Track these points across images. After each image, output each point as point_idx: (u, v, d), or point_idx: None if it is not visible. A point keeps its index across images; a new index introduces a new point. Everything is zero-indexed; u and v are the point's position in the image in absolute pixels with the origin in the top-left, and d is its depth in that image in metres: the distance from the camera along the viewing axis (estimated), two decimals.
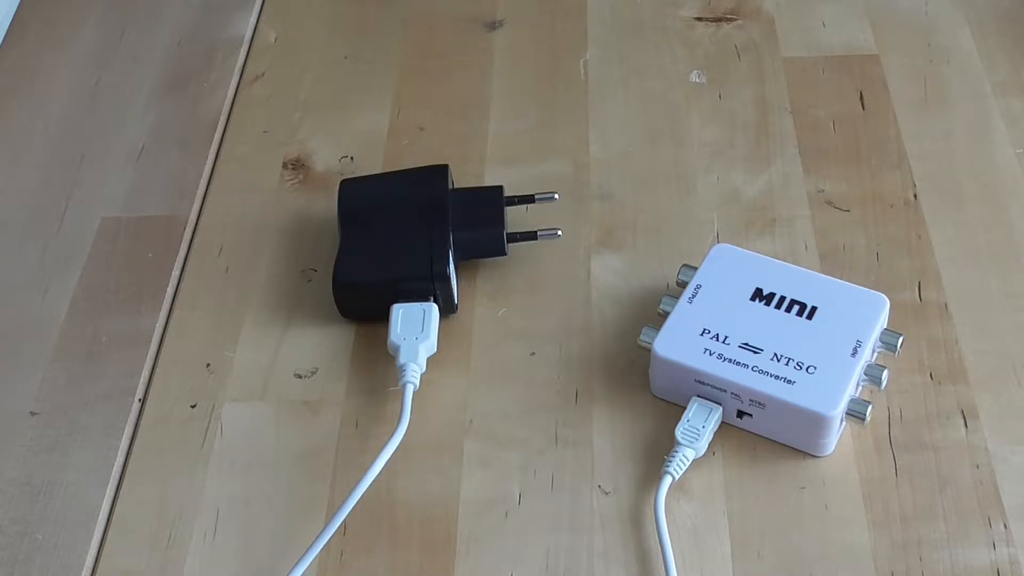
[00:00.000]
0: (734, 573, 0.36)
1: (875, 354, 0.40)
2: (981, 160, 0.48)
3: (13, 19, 0.58)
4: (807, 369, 0.38)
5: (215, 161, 0.50)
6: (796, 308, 0.40)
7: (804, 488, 0.38)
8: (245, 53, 0.55)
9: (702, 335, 0.39)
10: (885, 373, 0.39)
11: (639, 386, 0.41)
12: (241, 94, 0.53)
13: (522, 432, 0.40)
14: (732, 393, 0.39)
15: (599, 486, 0.39)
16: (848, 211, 0.46)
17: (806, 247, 0.45)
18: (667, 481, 0.38)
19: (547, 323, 0.44)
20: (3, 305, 0.45)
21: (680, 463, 0.38)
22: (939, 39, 0.53)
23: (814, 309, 0.40)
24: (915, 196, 0.47)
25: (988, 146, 0.49)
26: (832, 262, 0.44)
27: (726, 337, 0.39)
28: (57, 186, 0.49)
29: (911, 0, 0.55)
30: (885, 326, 0.40)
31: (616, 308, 0.44)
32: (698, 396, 0.39)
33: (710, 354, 0.39)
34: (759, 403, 0.38)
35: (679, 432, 0.38)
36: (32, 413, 0.42)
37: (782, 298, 0.40)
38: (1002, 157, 0.48)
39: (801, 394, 0.38)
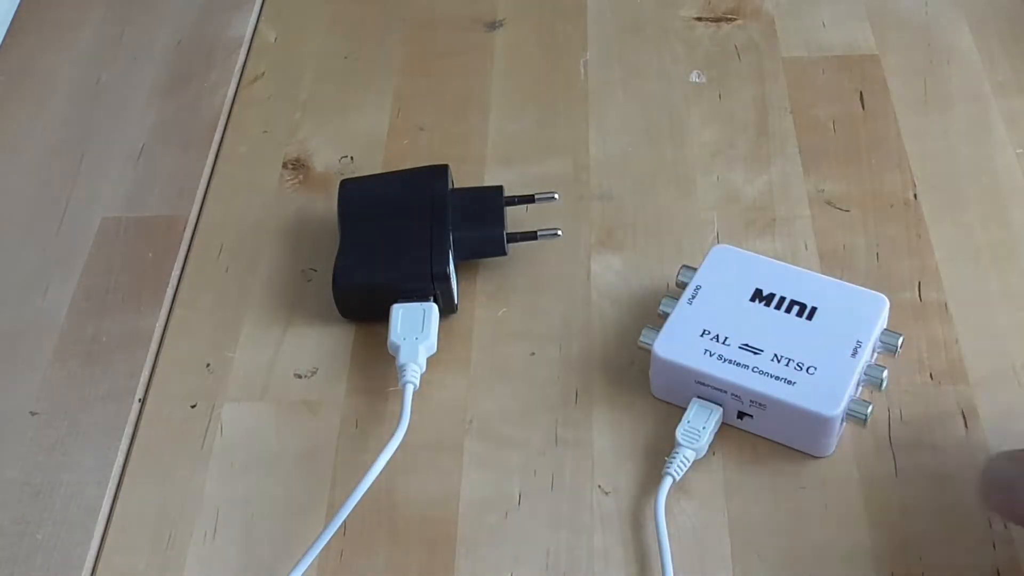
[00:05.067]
0: (734, 573, 0.36)
1: (875, 354, 0.40)
2: (981, 160, 0.48)
3: (13, 19, 0.58)
4: (807, 370, 0.38)
5: (215, 161, 0.50)
6: (796, 309, 0.40)
7: (804, 488, 0.38)
8: (245, 53, 0.55)
9: (702, 336, 0.39)
10: (885, 373, 0.39)
11: (639, 386, 0.41)
12: (241, 94, 0.53)
13: (522, 432, 0.40)
14: (732, 394, 0.38)
15: (599, 486, 0.39)
16: (848, 211, 0.46)
17: (806, 247, 0.45)
18: (668, 482, 0.38)
19: (547, 323, 0.44)
20: (3, 305, 0.45)
21: (681, 464, 0.38)
22: (939, 39, 0.53)
23: (814, 310, 0.40)
24: (915, 196, 0.47)
25: (988, 146, 0.49)
26: (832, 262, 0.44)
27: (726, 338, 0.39)
28: (57, 186, 0.49)
29: (911, 0, 0.55)
30: (885, 326, 0.40)
31: (616, 308, 0.44)
32: (698, 397, 0.39)
33: (710, 355, 0.39)
34: (760, 404, 0.38)
35: (679, 433, 0.38)
36: (32, 413, 0.42)
37: (782, 299, 0.40)
38: (1002, 157, 0.48)
39: (802, 395, 0.38)
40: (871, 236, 0.45)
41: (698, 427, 0.39)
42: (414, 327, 0.42)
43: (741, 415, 0.39)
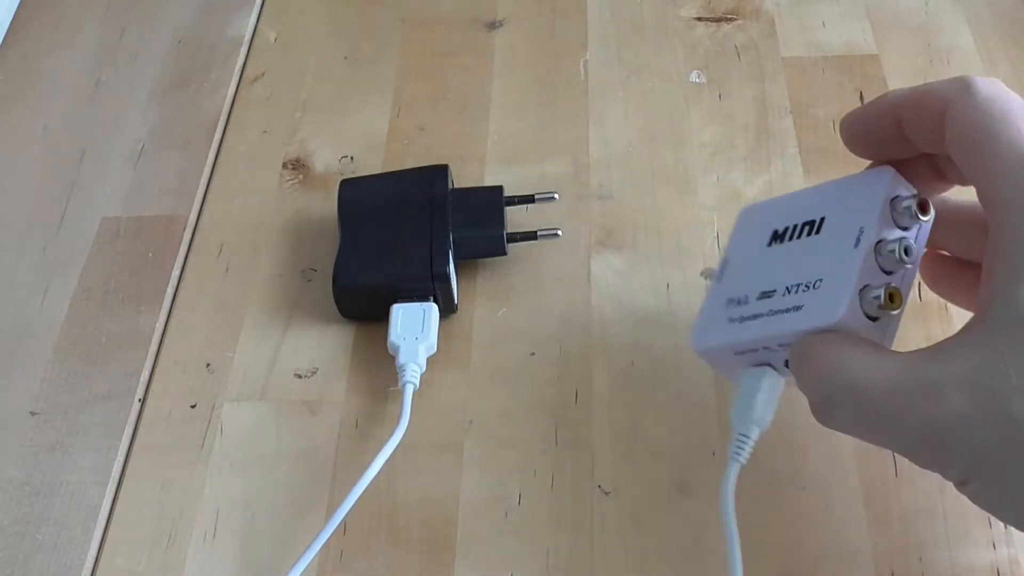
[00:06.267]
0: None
1: (893, 229, 0.34)
2: None
3: (13, 19, 0.58)
4: (814, 286, 0.33)
5: (215, 161, 0.50)
6: (806, 229, 0.35)
7: (804, 488, 0.38)
8: (245, 53, 0.55)
9: (727, 306, 0.36)
10: (905, 237, 0.33)
11: (639, 386, 0.41)
12: (241, 94, 0.53)
13: (522, 432, 0.40)
14: (763, 347, 0.35)
15: (599, 486, 0.39)
16: None
17: None
18: (734, 468, 0.35)
19: (547, 323, 0.44)
20: (3, 305, 0.45)
21: (741, 445, 0.35)
22: (939, 39, 0.53)
23: (822, 220, 0.35)
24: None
25: None
26: None
27: (746, 296, 0.36)
28: (57, 186, 0.49)
29: (911, 0, 0.55)
30: (893, 195, 0.34)
31: (616, 308, 0.44)
32: (748, 367, 0.36)
33: (735, 321, 0.35)
34: (786, 344, 0.34)
35: (733, 412, 0.35)
36: (32, 413, 0.42)
37: (794, 227, 0.36)
38: None
39: (808, 315, 0.33)
40: None
41: (752, 396, 0.35)
42: (414, 327, 0.42)
43: (788, 363, 0.35)
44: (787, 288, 0.34)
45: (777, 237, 0.36)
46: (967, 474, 0.29)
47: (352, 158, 0.50)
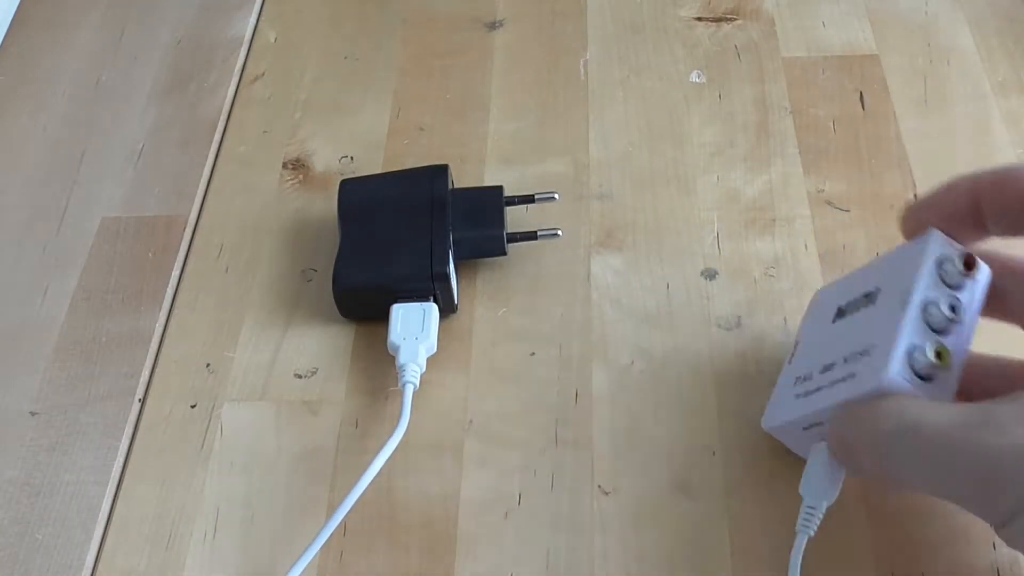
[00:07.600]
0: (734, 573, 0.36)
1: (943, 287, 0.34)
2: (981, 160, 0.48)
3: (13, 19, 0.58)
4: (867, 352, 0.34)
5: (215, 161, 0.50)
6: (864, 301, 0.36)
7: None
8: (245, 53, 0.55)
9: (794, 384, 0.37)
10: (952, 296, 0.33)
11: (639, 386, 0.41)
12: (241, 94, 0.53)
13: (522, 432, 0.40)
14: (827, 420, 0.35)
15: (599, 486, 0.39)
16: (848, 211, 0.46)
17: (806, 247, 0.45)
18: (802, 540, 0.35)
19: (547, 323, 0.44)
20: (3, 305, 0.45)
21: (810, 517, 0.35)
22: (939, 39, 0.53)
23: (877, 291, 0.35)
24: (915, 196, 0.47)
25: (988, 146, 0.49)
26: (832, 262, 0.45)
27: (810, 372, 0.36)
28: (57, 186, 0.49)
29: (911, 0, 0.55)
30: (939, 256, 0.34)
31: (616, 308, 0.44)
32: (817, 442, 0.36)
33: (800, 397, 0.36)
34: None
35: (802, 488, 0.35)
36: (32, 413, 0.42)
37: (854, 301, 0.36)
38: (1002, 157, 0.48)
39: (859, 381, 0.33)
40: (871, 236, 0.45)
41: (818, 470, 0.35)
42: (414, 327, 0.42)
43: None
44: (844, 359, 0.35)
45: (840, 313, 0.37)
46: (1014, 512, 0.29)
47: (352, 158, 0.50)
